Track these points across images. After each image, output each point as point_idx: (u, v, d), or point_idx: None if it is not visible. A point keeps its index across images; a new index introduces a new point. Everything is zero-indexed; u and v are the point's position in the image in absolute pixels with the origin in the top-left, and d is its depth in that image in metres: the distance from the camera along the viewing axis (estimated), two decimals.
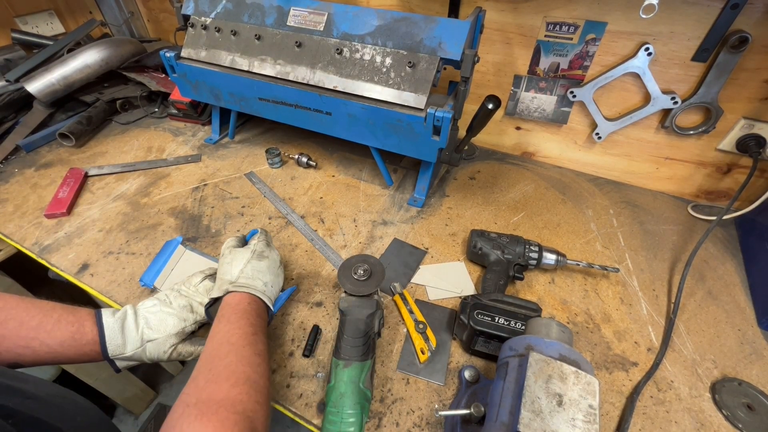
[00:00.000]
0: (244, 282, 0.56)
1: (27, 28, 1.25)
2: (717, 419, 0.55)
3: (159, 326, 0.54)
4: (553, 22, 0.81)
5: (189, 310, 0.58)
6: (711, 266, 0.76)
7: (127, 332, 0.53)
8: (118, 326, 0.52)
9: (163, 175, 0.95)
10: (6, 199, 0.87)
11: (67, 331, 0.50)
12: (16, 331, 0.48)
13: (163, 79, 1.20)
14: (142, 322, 0.54)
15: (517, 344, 0.46)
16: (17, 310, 0.49)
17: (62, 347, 0.49)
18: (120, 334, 0.52)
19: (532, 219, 0.86)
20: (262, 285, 0.57)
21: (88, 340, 0.50)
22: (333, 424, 0.49)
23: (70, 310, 0.52)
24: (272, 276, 0.60)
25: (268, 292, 0.57)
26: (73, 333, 0.50)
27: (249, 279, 0.56)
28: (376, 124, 0.77)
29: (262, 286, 0.57)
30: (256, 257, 0.60)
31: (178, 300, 0.58)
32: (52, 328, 0.49)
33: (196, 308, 0.58)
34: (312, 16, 0.78)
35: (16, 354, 0.48)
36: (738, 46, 0.69)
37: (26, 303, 0.50)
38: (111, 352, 0.51)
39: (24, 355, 0.48)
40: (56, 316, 0.50)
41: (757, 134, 0.77)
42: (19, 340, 0.47)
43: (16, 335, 0.47)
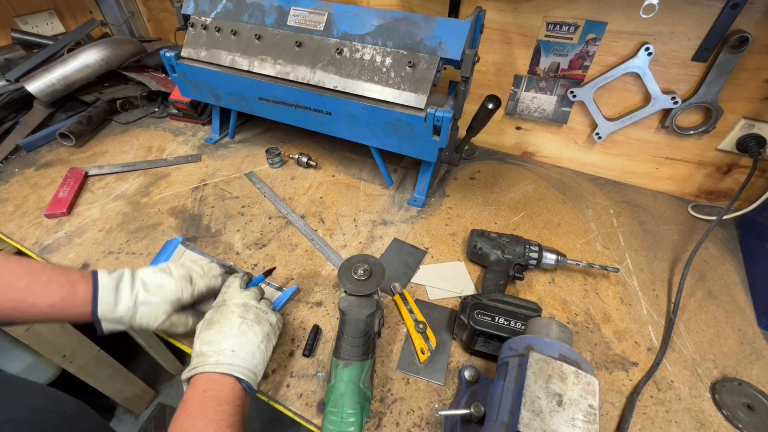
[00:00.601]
0: (195, 362, 0.49)
1: (27, 27, 1.25)
2: (717, 419, 0.55)
3: (156, 290, 0.53)
4: (554, 22, 0.81)
5: (188, 281, 0.56)
6: (711, 266, 0.76)
7: (120, 292, 0.51)
8: (112, 285, 0.51)
9: (163, 174, 0.95)
10: (6, 198, 0.87)
11: (58, 294, 0.49)
12: (4, 294, 0.47)
13: (163, 79, 1.20)
14: (138, 284, 0.53)
15: (517, 344, 0.46)
16: (3, 272, 0.48)
17: (53, 309, 0.48)
18: (113, 293, 0.51)
19: (532, 219, 0.86)
20: (215, 357, 0.49)
21: (81, 301, 0.49)
22: (333, 424, 0.49)
23: (61, 272, 0.50)
24: (233, 338, 0.51)
25: (227, 360, 0.48)
26: (64, 295, 0.49)
27: (200, 356, 0.49)
28: (376, 124, 0.77)
29: (216, 357, 0.49)
30: (204, 327, 0.53)
31: (178, 270, 0.56)
32: (41, 290, 0.48)
33: (195, 280, 0.57)
34: (312, 15, 0.78)
35: (6, 315, 0.47)
36: (738, 46, 0.69)
37: (14, 264, 0.49)
38: (101, 312, 0.50)
39: (14, 316, 0.48)
40: (46, 278, 0.49)
41: (757, 134, 0.77)
42: (6, 302, 0.47)
43: (4, 297, 0.47)
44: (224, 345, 0.50)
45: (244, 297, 0.56)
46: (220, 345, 0.50)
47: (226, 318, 0.53)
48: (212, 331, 0.52)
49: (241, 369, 0.49)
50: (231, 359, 0.49)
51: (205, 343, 0.51)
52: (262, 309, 0.56)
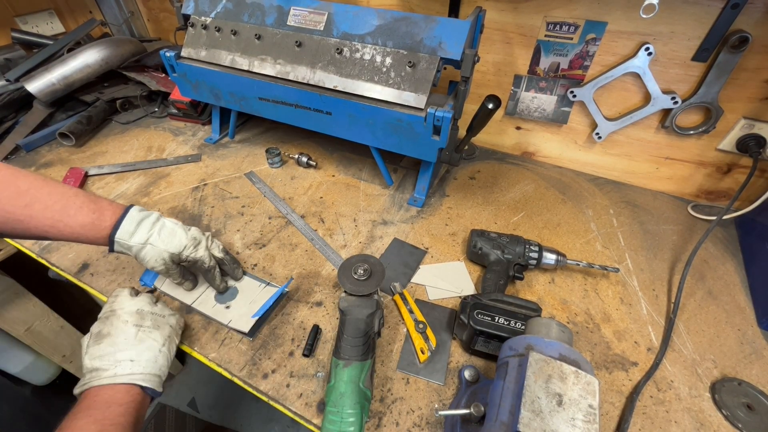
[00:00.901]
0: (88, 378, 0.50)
1: (27, 27, 1.25)
2: (717, 419, 0.55)
3: (167, 238, 0.59)
4: (554, 22, 0.81)
5: (194, 245, 0.61)
6: (711, 266, 0.76)
7: (140, 227, 0.57)
8: (137, 218, 0.57)
9: (163, 174, 0.95)
10: None
11: (88, 218, 0.55)
12: (42, 213, 0.52)
13: (163, 79, 1.20)
14: (157, 228, 0.59)
15: (517, 344, 0.46)
16: (41, 193, 0.53)
17: (83, 229, 0.54)
18: (135, 224, 0.57)
19: (532, 219, 0.86)
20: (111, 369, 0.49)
21: (106, 226, 0.56)
22: (333, 424, 0.49)
23: (92, 199, 0.56)
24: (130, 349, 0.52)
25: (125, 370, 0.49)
26: (93, 219, 0.55)
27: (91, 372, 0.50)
28: (376, 124, 0.77)
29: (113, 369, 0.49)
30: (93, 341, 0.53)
31: (194, 232, 0.63)
32: (75, 212, 0.54)
33: (200, 247, 0.62)
34: (312, 15, 0.78)
35: (44, 231, 0.53)
36: (738, 46, 0.69)
37: (50, 186, 0.54)
38: (118, 235, 0.56)
39: (50, 233, 0.54)
40: (79, 203, 0.55)
41: (757, 134, 0.77)
42: (45, 220, 0.52)
43: (42, 216, 0.52)
44: (120, 356, 0.51)
45: (137, 303, 0.57)
46: (115, 357, 0.50)
47: (118, 329, 0.53)
48: (103, 344, 0.52)
49: (143, 376, 0.50)
50: (131, 369, 0.50)
51: (96, 357, 0.50)
52: (159, 313, 0.57)
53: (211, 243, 0.65)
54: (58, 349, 1.21)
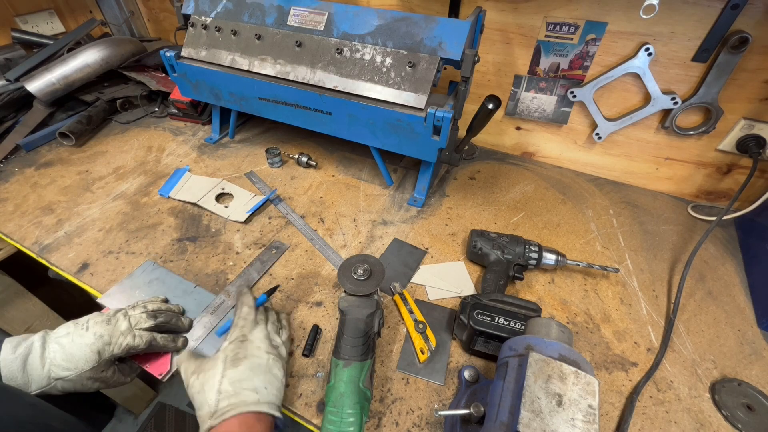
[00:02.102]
0: (226, 404, 0.45)
1: (27, 27, 1.25)
2: (716, 419, 0.55)
3: (68, 363, 0.50)
4: (554, 22, 0.81)
5: (106, 342, 0.52)
6: (711, 266, 0.76)
7: (30, 369, 0.49)
8: (18, 364, 0.48)
9: (163, 174, 0.95)
10: (6, 198, 0.87)
11: None
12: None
13: (163, 79, 1.20)
14: (50, 356, 0.49)
15: (516, 344, 0.46)
16: None
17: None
18: (21, 373, 0.48)
19: (532, 219, 0.86)
20: (253, 396, 0.46)
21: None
22: (333, 424, 0.49)
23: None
24: (263, 375, 0.49)
25: (264, 398, 0.47)
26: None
27: (232, 397, 0.45)
28: (376, 124, 0.77)
29: (254, 396, 0.46)
30: (230, 364, 0.48)
31: (96, 328, 0.53)
32: None
33: (116, 340, 0.53)
34: (312, 15, 0.78)
35: None
36: (738, 46, 0.69)
37: None
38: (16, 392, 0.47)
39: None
40: None
41: (757, 135, 0.77)
42: None
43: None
44: (257, 382, 0.47)
45: (265, 331, 0.54)
46: (253, 383, 0.47)
47: (253, 354, 0.50)
48: (241, 368, 0.48)
49: (275, 406, 0.47)
50: (267, 397, 0.47)
51: (236, 381, 0.47)
52: (279, 343, 0.55)
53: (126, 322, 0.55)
54: None
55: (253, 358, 0.50)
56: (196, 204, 0.85)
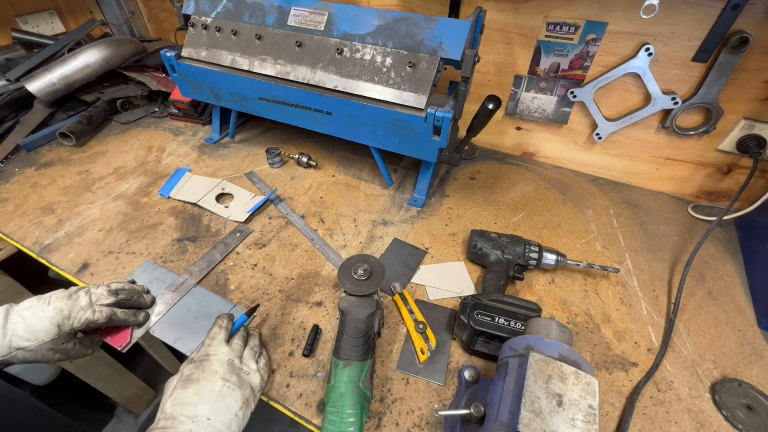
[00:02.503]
0: (162, 426, 0.43)
1: (28, 27, 1.25)
2: (717, 420, 0.55)
3: (28, 334, 0.51)
4: (554, 23, 0.81)
5: (66, 316, 0.53)
6: (711, 267, 0.76)
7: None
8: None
9: (164, 174, 0.95)
10: (6, 198, 0.87)
11: None
12: None
13: (163, 79, 1.20)
14: (12, 326, 0.51)
15: (517, 344, 0.46)
16: None
17: None
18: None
19: (532, 219, 0.86)
20: (187, 426, 0.43)
21: None
22: (333, 424, 0.49)
23: None
24: (211, 403, 0.46)
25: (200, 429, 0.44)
26: None
27: (168, 419, 0.44)
28: (376, 124, 0.77)
29: (188, 426, 0.43)
30: (180, 384, 0.47)
31: (57, 302, 0.54)
32: None
33: (75, 314, 0.54)
34: (312, 15, 0.78)
35: None
36: (738, 46, 0.69)
37: None
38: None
39: None
40: None
41: (758, 135, 0.77)
42: None
43: None
44: (200, 411, 0.45)
45: (229, 354, 0.52)
46: (195, 410, 0.45)
47: (207, 378, 0.48)
48: (189, 392, 0.47)
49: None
50: (205, 429, 0.44)
51: (179, 404, 0.45)
52: (245, 370, 0.52)
53: (87, 298, 0.56)
54: None
55: (205, 382, 0.48)
56: (196, 204, 0.85)
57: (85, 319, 0.54)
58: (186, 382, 0.48)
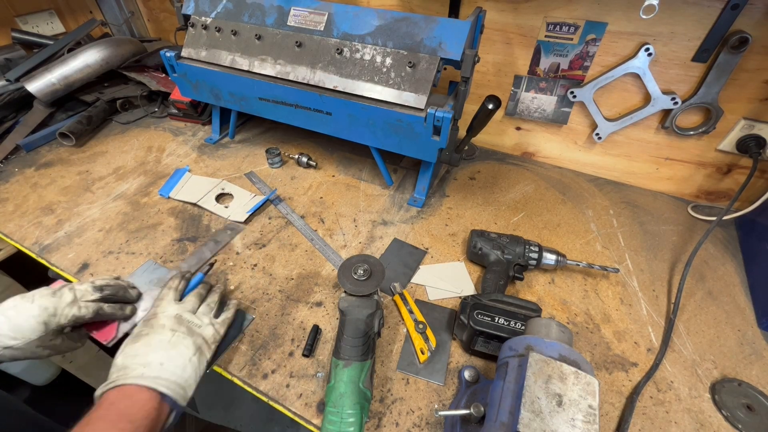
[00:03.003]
0: (114, 377, 0.46)
1: (27, 27, 1.25)
2: (717, 420, 0.55)
3: (14, 333, 0.51)
4: (554, 23, 0.81)
5: (51, 314, 0.53)
6: (711, 267, 0.76)
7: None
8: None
9: (164, 174, 0.95)
10: (6, 198, 0.87)
11: None
12: None
13: (163, 79, 1.20)
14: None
15: (516, 344, 0.46)
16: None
17: None
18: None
19: (532, 219, 0.86)
20: (139, 370, 0.46)
21: None
22: (333, 424, 0.49)
23: None
24: (162, 351, 0.49)
25: (152, 373, 0.46)
26: None
27: (120, 370, 0.47)
28: (376, 124, 0.77)
29: (140, 370, 0.46)
30: (130, 340, 0.51)
31: (41, 300, 0.53)
32: None
33: (61, 310, 0.54)
34: (312, 16, 0.78)
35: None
36: (738, 46, 0.69)
37: None
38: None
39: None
40: None
41: (757, 135, 0.77)
42: None
43: None
44: (151, 358, 0.48)
45: (178, 309, 0.55)
46: (146, 358, 0.48)
47: (155, 331, 0.51)
48: (138, 344, 0.50)
49: (168, 383, 0.47)
50: (158, 372, 0.47)
51: (130, 356, 0.48)
52: (196, 323, 0.55)
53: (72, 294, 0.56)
54: None
55: (154, 334, 0.51)
56: (196, 204, 0.85)
57: (71, 316, 0.55)
58: (135, 338, 0.51)
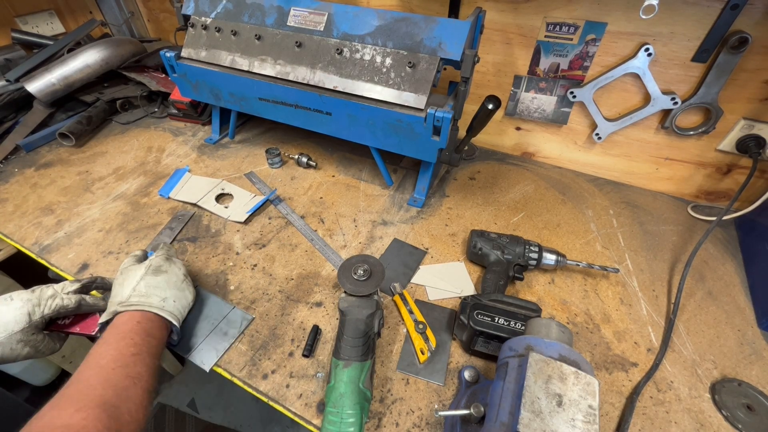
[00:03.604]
0: (137, 300, 0.53)
1: (27, 27, 1.25)
2: (717, 420, 0.55)
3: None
4: (553, 23, 0.81)
5: (35, 304, 0.54)
6: (711, 267, 0.76)
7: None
8: None
9: (164, 174, 0.95)
10: (6, 198, 0.87)
11: None
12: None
13: (163, 79, 1.20)
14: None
15: (516, 344, 0.46)
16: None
17: None
18: None
19: (532, 219, 0.86)
20: (159, 300, 0.55)
21: None
22: (333, 425, 0.49)
23: None
24: (174, 290, 0.58)
25: (168, 307, 0.55)
26: None
27: (142, 296, 0.54)
28: (376, 124, 0.77)
29: (160, 301, 0.55)
30: (151, 272, 0.57)
31: (21, 295, 0.55)
32: None
33: (45, 302, 0.55)
34: (312, 16, 0.78)
35: None
36: (738, 46, 0.69)
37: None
38: None
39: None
40: None
41: (757, 135, 0.77)
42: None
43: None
44: (168, 294, 0.57)
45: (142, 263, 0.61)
46: (165, 293, 0.56)
47: (173, 272, 0.60)
48: (159, 278, 0.57)
49: (176, 318, 0.57)
50: (172, 308, 0.56)
51: (150, 286, 0.56)
52: (190, 279, 0.63)
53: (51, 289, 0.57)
54: None
55: (172, 275, 0.59)
56: (196, 204, 0.85)
57: (55, 306, 0.55)
58: (156, 272, 0.58)
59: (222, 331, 0.63)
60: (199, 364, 0.59)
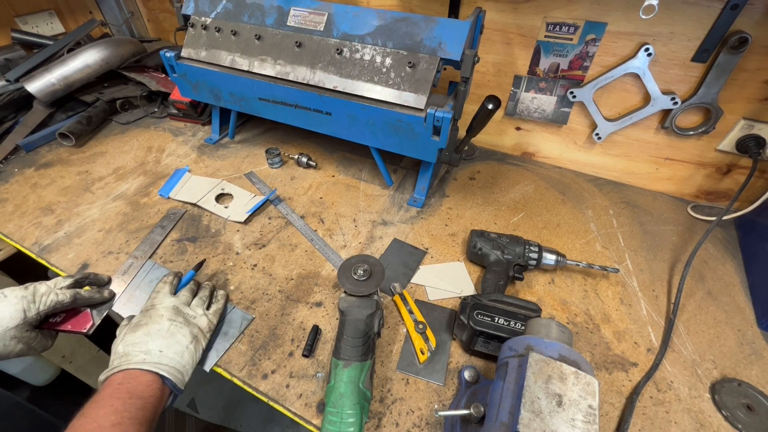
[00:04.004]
0: (117, 363, 0.50)
1: (27, 27, 1.25)
2: (716, 420, 0.55)
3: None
4: (553, 23, 0.81)
5: (30, 301, 0.54)
6: (711, 267, 0.76)
7: None
8: None
9: (163, 175, 0.95)
10: (6, 198, 0.87)
11: None
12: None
13: (163, 79, 1.20)
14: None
15: (516, 344, 0.46)
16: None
17: None
18: None
19: (532, 219, 0.86)
20: (141, 357, 0.50)
21: None
22: (332, 425, 0.49)
23: None
24: (159, 340, 0.52)
25: (151, 359, 0.50)
26: None
27: (122, 357, 0.51)
28: (376, 124, 0.77)
29: (141, 356, 0.50)
30: (129, 330, 0.54)
31: (15, 292, 0.54)
32: None
33: (40, 297, 0.55)
34: (312, 16, 0.78)
35: None
36: (738, 46, 0.69)
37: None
38: None
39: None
40: None
41: (757, 135, 0.77)
42: None
43: None
44: (151, 345, 0.52)
45: (174, 301, 0.58)
46: (147, 345, 0.52)
47: (154, 321, 0.54)
48: (139, 333, 0.53)
49: (168, 368, 0.51)
50: (158, 358, 0.51)
51: (131, 344, 0.52)
52: (191, 314, 0.58)
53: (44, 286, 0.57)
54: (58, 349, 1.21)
55: (153, 324, 0.54)
56: (196, 204, 0.85)
57: (50, 301, 0.55)
58: (135, 327, 0.54)
59: (222, 331, 0.63)
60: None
